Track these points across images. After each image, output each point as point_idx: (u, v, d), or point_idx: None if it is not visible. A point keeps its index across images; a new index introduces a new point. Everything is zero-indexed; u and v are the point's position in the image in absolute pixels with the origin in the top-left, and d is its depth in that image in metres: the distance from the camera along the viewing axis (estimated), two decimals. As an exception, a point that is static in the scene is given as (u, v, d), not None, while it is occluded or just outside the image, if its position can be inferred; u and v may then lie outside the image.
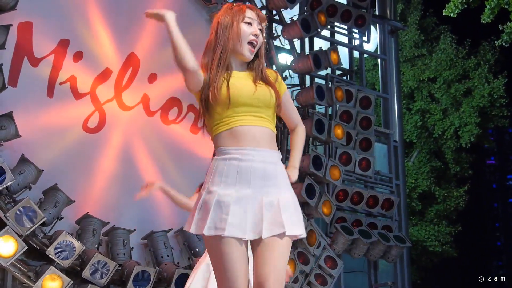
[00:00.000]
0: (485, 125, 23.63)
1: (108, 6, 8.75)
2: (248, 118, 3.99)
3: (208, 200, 3.88)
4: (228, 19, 4.09)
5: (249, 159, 3.92)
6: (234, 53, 4.08)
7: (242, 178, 3.90)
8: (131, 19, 8.89)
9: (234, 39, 4.05)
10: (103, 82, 8.56)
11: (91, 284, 7.52)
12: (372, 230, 10.25)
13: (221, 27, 4.08)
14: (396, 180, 11.24)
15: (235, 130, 3.96)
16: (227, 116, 3.96)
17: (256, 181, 3.91)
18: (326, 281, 9.45)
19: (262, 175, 3.93)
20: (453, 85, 22.99)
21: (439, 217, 23.14)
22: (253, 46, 4.06)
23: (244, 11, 4.11)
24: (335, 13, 10.65)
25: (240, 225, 3.82)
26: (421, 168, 22.84)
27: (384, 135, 11.52)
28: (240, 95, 3.97)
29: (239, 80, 4.03)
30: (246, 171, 3.91)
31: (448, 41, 23.45)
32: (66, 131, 8.20)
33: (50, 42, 8.15)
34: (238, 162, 3.90)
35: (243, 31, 4.04)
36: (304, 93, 9.88)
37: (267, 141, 4.02)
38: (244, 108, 3.98)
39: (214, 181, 3.92)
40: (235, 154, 3.91)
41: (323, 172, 9.49)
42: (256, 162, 3.93)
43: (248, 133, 3.97)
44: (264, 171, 3.94)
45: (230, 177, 3.91)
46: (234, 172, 3.91)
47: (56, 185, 7.64)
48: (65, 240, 7.40)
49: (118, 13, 8.85)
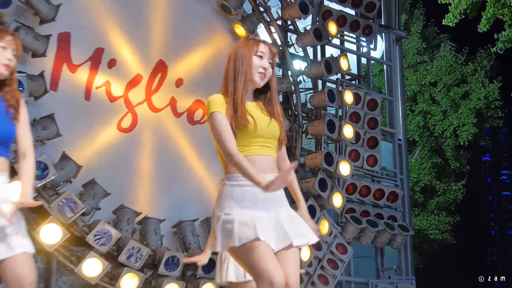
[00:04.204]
0: (481, 125, 23.60)
1: (137, 17, 8.78)
2: (260, 148, 4.12)
3: (229, 220, 3.98)
4: (245, 51, 4.20)
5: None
6: (249, 81, 4.18)
7: (257, 202, 4.03)
8: (160, 29, 8.93)
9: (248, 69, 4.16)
10: (135, 87, 8.57)
11: (126, 267, 7.55)
12: (378, 219, 10.23)
13: (239, 58, 4.19)
14: (400, 175, 11.21)
15: (248, 158, 4.03)
16: (243, 145, 4.07)
17: (269, 203, 4.05)
18: (337, 265, 9.44)
19: (272, 198, 4.06)
20: (452, 89, 22.98)
21: (439, 208, 23.12)
22: (263, 75, 4.17)
23: (258, 45, 4.23)
24: (344, 23, 10.62)
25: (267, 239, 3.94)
26: (423, 164, 22.81)
27: (389, 134, 11.50)
28: (260, 127, 4.09)
29: (254, 111, 4.15)
30: (260, 195, 3.99)
31: (447, 49, 23.45)
32: (102, 131, 8.22)
33: (86, 50, 8.16)
34: (253, 188, 3.97)
35: (254, 63, 4.15)
36: (316, 96, 9.86)
37: (271, 168, 4.17)
38: (258, 139, 4.11)
39: (232, 206, 4.01)
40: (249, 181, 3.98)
41: (334, 167, 9.47)
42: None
43: (258, 161, 4.09)
44: (273, 194, 4.02)
45: (247, 201, 4.01)
46: (250, 197, 4.02)
47: (94, 179, 7.66)
48: (103, 228, 7.42)
49: (147, 23, 8.87)
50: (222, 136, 4.02)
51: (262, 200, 4.05)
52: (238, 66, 4.18)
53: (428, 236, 23.20)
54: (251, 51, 4.21)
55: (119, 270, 7.58)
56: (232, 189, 4.07)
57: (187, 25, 9.14)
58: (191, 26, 9.17)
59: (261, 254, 3.92)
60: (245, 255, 3.98)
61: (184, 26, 9.12)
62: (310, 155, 9.64)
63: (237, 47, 4.25)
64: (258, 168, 4.02)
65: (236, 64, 4.19)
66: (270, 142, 4.19)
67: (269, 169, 4.13)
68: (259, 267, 3.91)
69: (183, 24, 9.11)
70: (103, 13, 8.42)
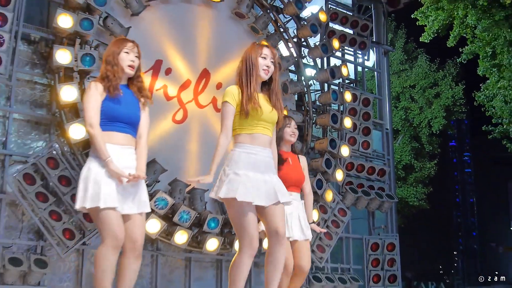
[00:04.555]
0: (449, 118, 23.54)
1: (187, 36, 8.76)
2: (262, 129, 4.30)
3: (234, 177, 4.16)
4: (253, 54, 4.36)
5: (260, 155, 4.25)
6: (257, 76, 4.34)
7: (256, 166, 4.21)
8: (204, 45, 8.91)
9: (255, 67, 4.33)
10: (185, 89, 8.56)
11: (179, 226, 7.59)
12: (370, 190, 10.20)
13: (249, 59, 4.36)
14: (388, 156, 11.15)
15: (253, 135, 4.27)
16: (250, 125, 4.26)
17: (263, 168, 4.23)
18: (339, 225, 9.41)
19: (265, 165, 4.26)
20: (427, 90, 22.91)
21: (416, 182, 23.06)
22: (266, 71, 4.33)
23: (262, 48, 4.40)
24: (345, 40, 10.56)
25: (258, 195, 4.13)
26: (404, 148, 22.73)
27: (379, 125, 11.41)
28: (264, 113, 4.28)
29: (261, 101, 4.31)
30: (259, 161, 4.23)
31: (423, 59, 23.39)
32: (161, 123, 8.22)
33: (149, 61, 8.13)
34: (255, 156, 4.22)
35: (260, 63, 4.33)
36: (323, 96, 9.82)
37: (268, 144, 4.34)
38: (261, 122, 4.29)
39: (239, 167, 4.18)
40: (253, 150, 4.23)
41: (337, 150, 9.45)
42: (263, 157, 4.26)
43: (260, 138, 4.29)
44: (266, 162, 4.27)
45: (250, 165, 4.19)
46: (252, 161, 4.21)
47: (154, 159, 7.66)
48: (161, 196, 7.44)
49: (195, 40, 8.85)
50: (224, 120, 4.27)
51: (260, 165, 4.21)
52: (248, 65, 4.34)
53: (408, 203, 23.21)
54: (257, 54, 4.35)
55: (173, 228, 7.61)
56: (240, 154, 4.22)
57: (225, 41, 9.11)
58: (228, 42, 9.13)
59: (250, 219, 4.13)
60: (234, 210, 4.18)
61: (223, 42, 9.08)
62: (318, 141, 9.60)
63: (247, 51, 4.41)
64: (259, 143, 4.25)
65: (247, 63, 4.35)
66: (270, 125, 4.34)
67: (267, 145, 4.32)
68: (246, 229, 4.13)
69: (222, 41, 9.07)
70: (161, 33, 8.42)
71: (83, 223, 6.98)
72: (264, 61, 4.34)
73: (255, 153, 4.22)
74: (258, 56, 4.34)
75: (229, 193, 4.11)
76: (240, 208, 4.12)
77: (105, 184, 4.06)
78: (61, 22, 7.05)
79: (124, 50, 4.40)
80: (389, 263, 10.06)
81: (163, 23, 8.50)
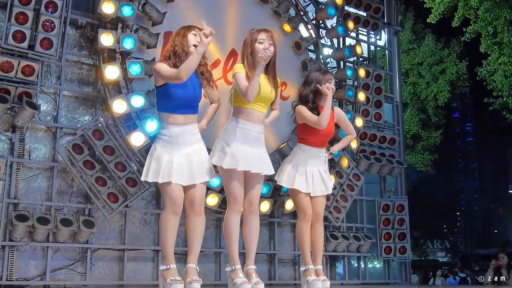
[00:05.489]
0: (453, 92, 23.17)
1: (217, 20, 8.68)
2: (259, 107, 4.30)
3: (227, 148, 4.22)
4: (251, 40, 4.33)
5: (253, 130, 4.27)
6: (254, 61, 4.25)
7: (247, 139, 4.25)
8: (232, 28, 8.83)
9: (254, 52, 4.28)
10: (215, 67, 8.51)
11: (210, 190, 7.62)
12: (382, 157, 10.12)
13: (248, 45, 4.33)
14: (397, 126, 11.04)
15: (250, 111, 4.27)
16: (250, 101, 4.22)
17: (252, 142, 4.26)
18: (354, 189, 9.38)
19: (255, 139, 4.28)
20: (433, 67, 22.57)
21: (423, 149, 22.86)
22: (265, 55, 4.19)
23: (258, 34, 4.34)
24: (359, 21, 10.42)
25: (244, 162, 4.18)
26: (412, 119, 22.48)
27: (390, 98, 11.26)
28: (263, 93, 4.26)
29: (262, 81, 4.25)
30: (250, 136, 4.26)
31: (430, 39, 23.00)
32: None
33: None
34: (248, 131, 4.25)
35: (257, 48, 4.26)
36: (340, 72, 9.72)
37: (262, 120, 4.34)
38: (260, 100, 4.27)
39: (232, 138, 4.24)
40: (247, 125, 4.26)
41: (352, 121, 9.37)
42: (255, 132, 4.28)
43: (256, 114, 4.29)
44: (257, 137, 4.29)
45: (242, 138, 4.24)
46: (244, 135, 4.24)
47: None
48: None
49: (224, 24, 8.78)
50: (240, 86, 4.20)
51: (250, 139, 4.25)
52: (246, 51, 4.31)
53: (416, 168, 23.16)
54: (254, 40, 4.30)
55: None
56: (234, 128, 4.27)
57: (251, 24, 8.88)
58: (253, 25, 8.85)
59: (236, 183, 4.20)
60: (223, 175, 4.27)
61: (249, 25, 8.84)
62: (335, 113, 9.52)
63: (247, 38, 4.37)
64: (255, 119, 4.28)
65: (244, 48, 4.34)
66: (266, 104, 4.35)
67: (260, 122, 4.31)
68: (231, 191, 4.22)
69: (248, 24, 8.92)
70: (194, 17, 8.34)
71: (126, 188, 7.08)
72: (260, 45, 4.25)
73: (249, 129, 4.26)
74: (255, 42, 4.28)
75: (218, 161, 4.22)
76: (227, 174, 4.21)
77: (165, 161, 4.12)
78: (105, 8, 7.16)
79: (192, 32, 4.34)
80: (399, 222, 10.03)
81: (196, 8, 8.44)
